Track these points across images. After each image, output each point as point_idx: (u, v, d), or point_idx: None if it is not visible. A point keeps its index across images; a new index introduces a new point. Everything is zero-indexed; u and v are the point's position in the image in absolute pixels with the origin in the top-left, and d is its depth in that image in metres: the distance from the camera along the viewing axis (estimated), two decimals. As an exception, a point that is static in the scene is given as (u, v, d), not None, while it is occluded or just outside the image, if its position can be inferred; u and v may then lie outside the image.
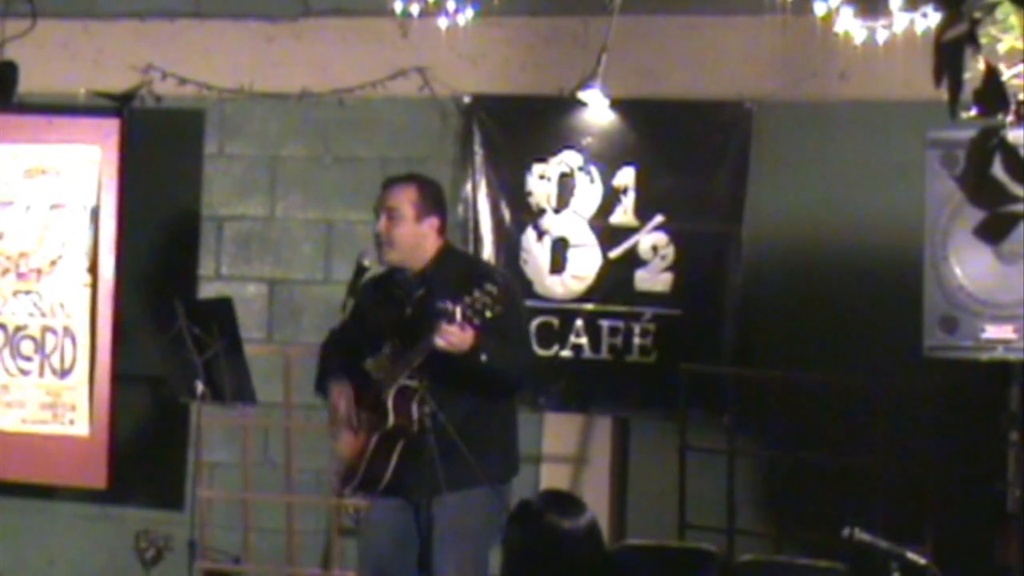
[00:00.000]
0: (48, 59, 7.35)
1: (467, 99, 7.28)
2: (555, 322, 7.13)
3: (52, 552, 7.77)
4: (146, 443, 7.62)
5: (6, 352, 7.77)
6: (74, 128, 7.68)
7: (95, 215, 7.64)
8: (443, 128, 7.35)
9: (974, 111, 2.94)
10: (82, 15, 7.68)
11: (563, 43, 7.15)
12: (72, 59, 7.64)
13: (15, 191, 7.78)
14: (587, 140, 7.14)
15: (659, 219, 7.05)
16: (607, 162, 7.12)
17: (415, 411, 5.25)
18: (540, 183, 7.19)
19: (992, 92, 2.91)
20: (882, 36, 5.99)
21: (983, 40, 3.07)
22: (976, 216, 3.05)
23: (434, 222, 5.48)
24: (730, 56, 6.99)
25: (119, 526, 7.48)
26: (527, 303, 6.89)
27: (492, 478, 5.29)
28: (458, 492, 5.19)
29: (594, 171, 7.13)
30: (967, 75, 2.87)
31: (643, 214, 7.07)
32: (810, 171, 6.96)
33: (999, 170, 2.92)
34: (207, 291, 7.52)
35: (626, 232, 7.09)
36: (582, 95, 7.01)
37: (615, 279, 7.09)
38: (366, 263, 5.49)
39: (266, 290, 7.56)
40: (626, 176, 7.10)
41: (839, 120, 6.92)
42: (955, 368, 5.87)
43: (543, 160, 7.19)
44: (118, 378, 7.60)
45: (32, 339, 7.74)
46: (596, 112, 7.09)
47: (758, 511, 6.67)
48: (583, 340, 7.10)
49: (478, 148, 7.26)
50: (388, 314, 5.41)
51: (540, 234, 7.19)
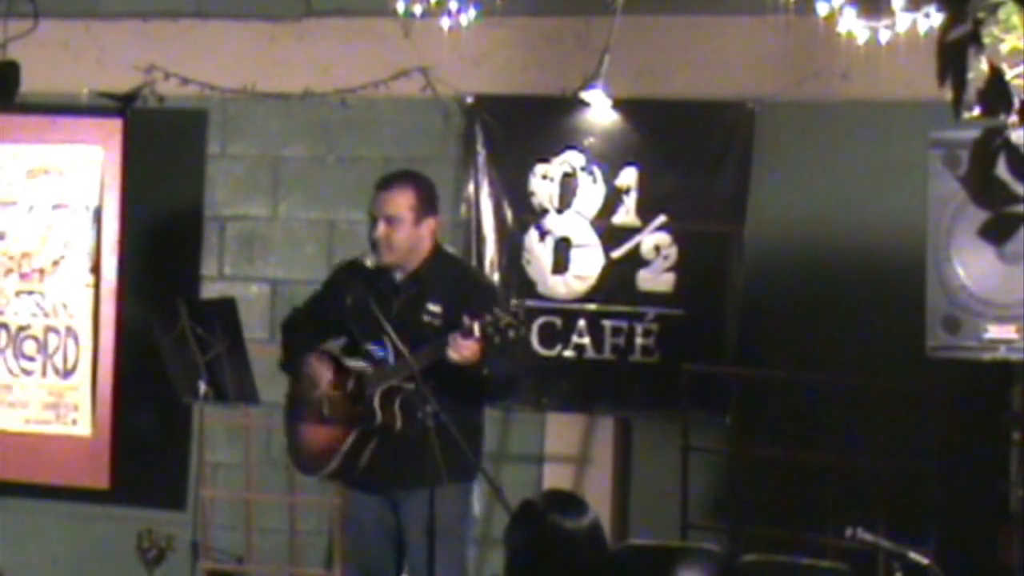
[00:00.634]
0: (50, 59, 7.34)
1: (469, 99, 7.27)
2: (558, 322, 7.12)
3: (54, 552, 7.76)
4: (149, 443, 7.61)
5: (9, 352, 7.77)
6: (77, 128, 7.68)
7: (98, 215, 7.64)
8: (445, 128, 7.35)
9: (977, 111, 2.94)
10: (84, 15, 7.67)
11: (565, 43, 7.15)
12: (74, 59, 7.64)
13: (18, 191, 7.78)
14: (589, 140, 7.14)
15: (661, 219, 7.05)
16: (610, 162, 7.12)
17: (397, 410, 5.32)
18: (542, 183, 7.19)
19: (995, 92, 2.91)
20: (885, 36, 5.99)
21: (986, 40, 3.07)
22: (979, 216, 3.05)
23: (430, 223, 5.53)
24: (733, 56, 6.99)
25: (121, 526, 7.47)
26: (530, 303, 6.90)
27: (465, 475, 5.36)
28: (438, 488, 5.20)
29: (596, 171, 7.13)
30: (970, 75, 2.87)
31: (645, 214, 7.07)
32: (813, 171, 6.96)
33: (1002, 170, 2.92)
34: (210, 291, 7.52)
35: (628, 232, 7.09)
36: (585, 95, 7.01)
37: (618, 279, 7.09)
38: (368, 263, 5.51)
39: (269, 290, 7.56)
40: (628, 176, 7.10)
41: (842, 120, 6.91)
42: (957, 368, 5.87)
43: (546, 160, 7.18)
44: (121, 378, 7.61)
45: (35, 339, 7.74)
46: (599, 112, 7.09)
47: (760, 511, 6.66)
48: (586, 340, 7.10)
49: (480, 148, 7.25)
50: (371, 310, 5.40)
51: (543, 234, 7.18)
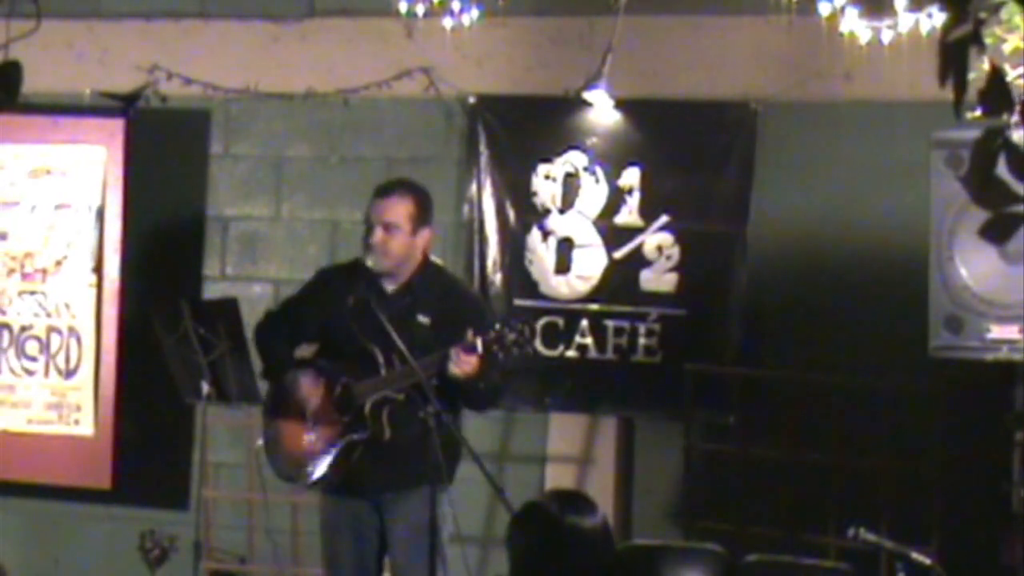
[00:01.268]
0: (53, 59, 7.34)
1: (472, 99, 7.27)
2: (560, 322, 7.12)
3: (57, 552, 7.77)
4: (151, 443, 7.61)
5: (11, 352, 7.77)
6: (79, 128, 7.68)
7: (100, 215, 7.65)
8: (448, 128, 7.35)
9: (979, 111, 2.93)
10: (87, 15, 7.67)
11: (568, 43, 7.14)
12: (77, 59, 7.64)
13: (20, 191, 7.78)
14: (592, 140, 7.14)
15: (664, 219, 7.04)
16: (612, 162, 7.12)
17: (385, 420, 5.38)
18: (545, 183, 7.19)
19: (997, 92, 2.91)
20: (887, 36, 6.00)
21: (988, 40, 3.07)
22: (981, 216, 3.05)
23: (425, 235, 5.57)
24: (735, 56, 6.99)
25: (124, 526, 7.47)
26: (532, 303, 6.90)
27: (444, 479, 5.36)
28: (418, 490, 5.27)
29: (599, 171, 7.13)
30: (972, 75, 2.87)
31: (648, 214, 7.07)
32: (815, 171, 6.96)
33: (1004, 170, 2.92)
34: (212, 291, 7.51)
35: (631, 232, 7.09)
36: (587, 95, 7.01)
37: (620, 279, 7.09)
38: (370, 263, 5.51)
39: (271, 290, 7.55)
40: (631, 176, 7.09)
41: (844, 120, 6.91)
42: (960, 368, 5.88)
43: (548, 160, 7.18)
44: (123, 378, 7.61)
45: (37, 339, 7.74)
46: (601, 112, 7.09)
47: (763, 511, 6.66)
48: (588, 340, 7.10)
49: (483, 148, 7.25)
50: (373, 316, 5.38)
51: (545, 234, 7.18)
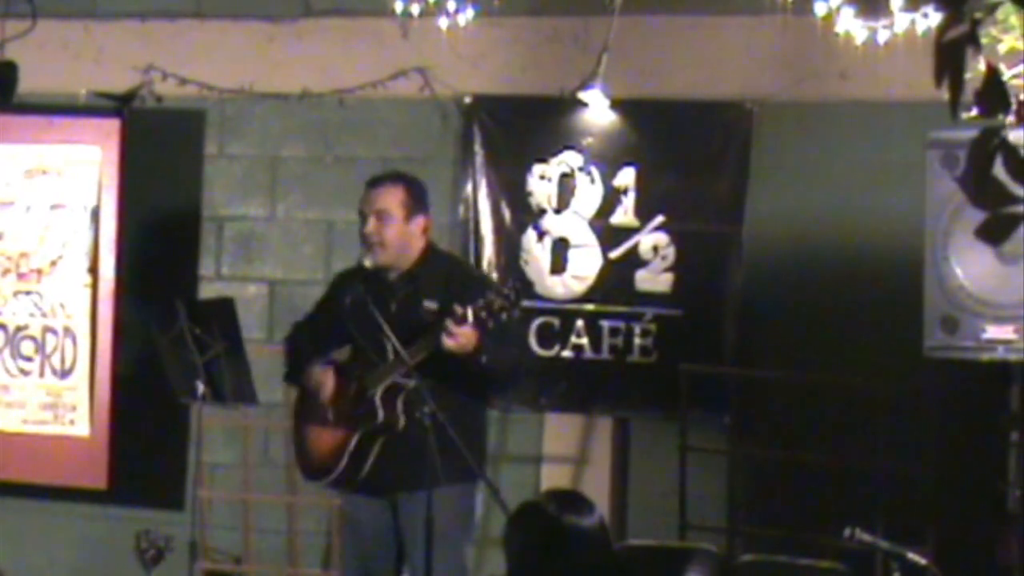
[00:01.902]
0: (48, 59, 7.34)
1: (467, 99, 7.27)
2: (556, 322, 7.12)
3: (52, 552, 7.76)
4: (147, 444, 7.60)
5: (7, 352, 7.76)
6: (74, 128, 7.68)
7: (95, 215, 7.64)
8: (443, 128, 7.35)
9: (975, 111, 2.93)
10: (83, 15, 7.67)
11: (563, 43, 7.14)
12: (72, 59, 7.63)
13: (15, 191, 7.77)
14: (588, 140, 7.14)
15: (660, 219, 7.04)
16: (608, 162, 7.12)
17: (400, 408, 5.29)
18: (540, 183, 7.19)
19: (993, 92, 2.91)
20: (883, 36, 5.99)
21: (984, 40, 3.06)
22: (977, 217, 3.04)
23: (421, 221, 5.53)
24: (731, 56, 6.99)
25: (119, 527, 7.45)
26: (528, 304, 6.90)
27: (466, 476, 5.30)
28: (436, 489, 5.13)
29: (595, 171, 7.13)
30: (968, 75, 2.87)
31: (644, 214, 7.07)
32: (811, 171, 6.96)
33: (1000, 171, 2.92)
34: (208, 291, 7.51)
35: (627, 232, 7.09)
36: (583, 95, 7.00)
37: (616, 279, 7.09)
38: (367, 263, 5.51)
39: (267, 290, 7.55)
40: (626, 176, 7.09)
41: (840, 120, 6.91)
42: (956, 368, 5.87)
43: (543, 160, 7.18)
44: (119, 378, 7.60)
45: (32, 339, 7.74)
46: (597, 112, 7.09)
47: (759, 511, 6.66)
48: (584, 340, 7.10)
49: (479, 148, 7.25)
50: (369, 310, 5.37)
51: (541, 234, 7.18)
